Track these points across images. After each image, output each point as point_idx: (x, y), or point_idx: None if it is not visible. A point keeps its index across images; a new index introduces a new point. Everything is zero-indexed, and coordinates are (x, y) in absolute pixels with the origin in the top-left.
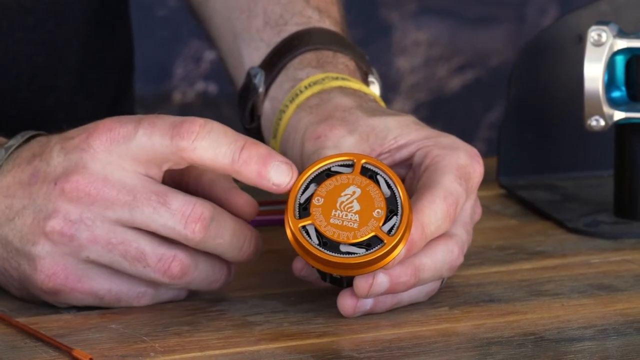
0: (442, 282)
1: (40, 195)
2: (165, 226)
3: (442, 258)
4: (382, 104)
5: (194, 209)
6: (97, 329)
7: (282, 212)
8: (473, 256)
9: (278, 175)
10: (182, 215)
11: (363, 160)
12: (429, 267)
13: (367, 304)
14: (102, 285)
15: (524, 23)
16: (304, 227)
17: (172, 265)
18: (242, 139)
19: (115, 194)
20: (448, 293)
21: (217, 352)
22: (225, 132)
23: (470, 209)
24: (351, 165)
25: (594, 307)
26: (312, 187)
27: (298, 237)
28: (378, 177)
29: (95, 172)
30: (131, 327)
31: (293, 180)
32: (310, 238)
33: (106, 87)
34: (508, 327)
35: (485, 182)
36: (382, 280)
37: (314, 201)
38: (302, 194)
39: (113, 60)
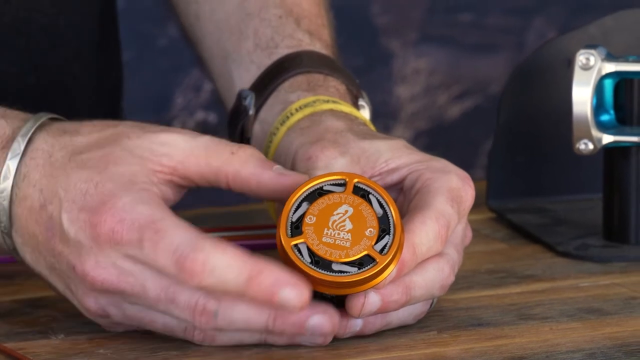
0: (430, 305)
1: (63, 264)
2: (179, 317)
3: (433, 276)
4: (373, 127)
5: (197, 302)
6: (86, 354)
7: (275, 236)
8: (462, 280)
9: (287, 303)
10: (189, 309)
11: (355, 180)
12: (420, 285)
13: (357, 325)
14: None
15: (523, 50)
16: (296, 245)
17: (195, 334)
18: (246, 269)
19: (130, 289)
20: (437, 317)
21: None
22: (228, 264)
23: (461, 231)
24: (343, 185)
25: (582, 330)
26: (305, 205)
27: (290, 256)
28: (370, 196)
29: (105, 264)
30: (119, 352)
31: (304, 304)
32: (302, 256)
33: (97, 112)
34: (497, 351)
35: (474, 206)
36: (374, 299)
37: (306, 220)
38: (294, 213)
39: (105, 85)
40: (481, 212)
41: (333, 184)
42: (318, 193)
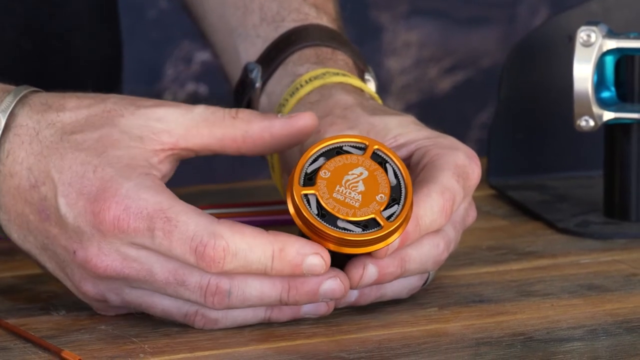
0: (425, 281)
1: (58, 247)
2: (190, 299)
3: (428, 251)
4: (380, 101)
5: (209, 282)
6: (87, 330)
7: (284, 212)
8: (463, 256)
9: (313, 270)
10: (200, 291)
11: (376, 146)
12: (414, 259)
13: (352, 295)
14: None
15: (515, 23)
16: (305, 195)
17: (196, 320)
18: (269, 247)
19: (135, 274)
20: (438, 293)
21: (206, 353)
22: (250, 246)
23: (463, 210)
24: (363, 149)
25: (583, 307)
26: (321, 160)
27: (298, 204)
28: (387, 165)
29: (109, 251)
30: (120, 328)
31: (327, 266)
32: (310, 207)
33: (96, 82)
34: (497, 328)
35: None
36: (371, 271)
37: (321, 173)
38: (310, 165)
39: (104, 56)
40: (482, 189)
41: (353, 146)
42: (337, 151)
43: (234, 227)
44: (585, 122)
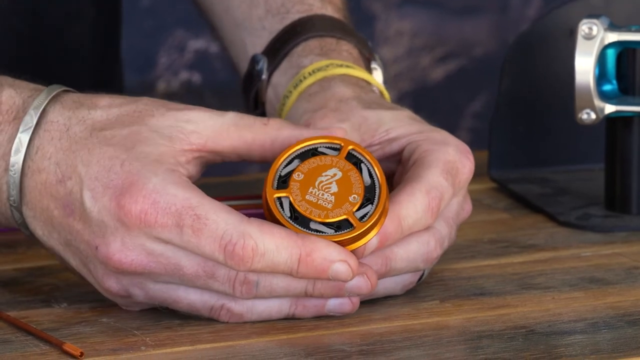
0: (420, 277)
1: (81, 243)
2: (218, 290)
3: (416, 249)
4: (385, 93)
5: (238, 273)
6: (88, 322)
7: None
8: (464, 249)
9: (338, 277)
10: (229, 282)
11: (350, 147)
12: (401, 257)
13: None
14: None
15: (508, 13)
16: (279, 198)
17: (221, 314)
18: (296, 251)
19: (162, 269)
20: (439, 286)
21: (208, 345)
22: (278, 247)
23: (456, 204)
24: (338, 149)
25: (585, 300)
26: (296, 162)
27: (271, 207)
28: (362, 165)
29: (133, 246)
30: (122, 320)
31: (354, 273)
32: (283, 210)
33: (96, 74)
34: (499, 321)
35: (476, 176)
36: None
37: (294, 176)
38: (284, 167)
39: (105, 46)
40: (483, 182)
41: (328, 147)
42: (312, 153)
43: (263, 227)
44: (587, 115)
